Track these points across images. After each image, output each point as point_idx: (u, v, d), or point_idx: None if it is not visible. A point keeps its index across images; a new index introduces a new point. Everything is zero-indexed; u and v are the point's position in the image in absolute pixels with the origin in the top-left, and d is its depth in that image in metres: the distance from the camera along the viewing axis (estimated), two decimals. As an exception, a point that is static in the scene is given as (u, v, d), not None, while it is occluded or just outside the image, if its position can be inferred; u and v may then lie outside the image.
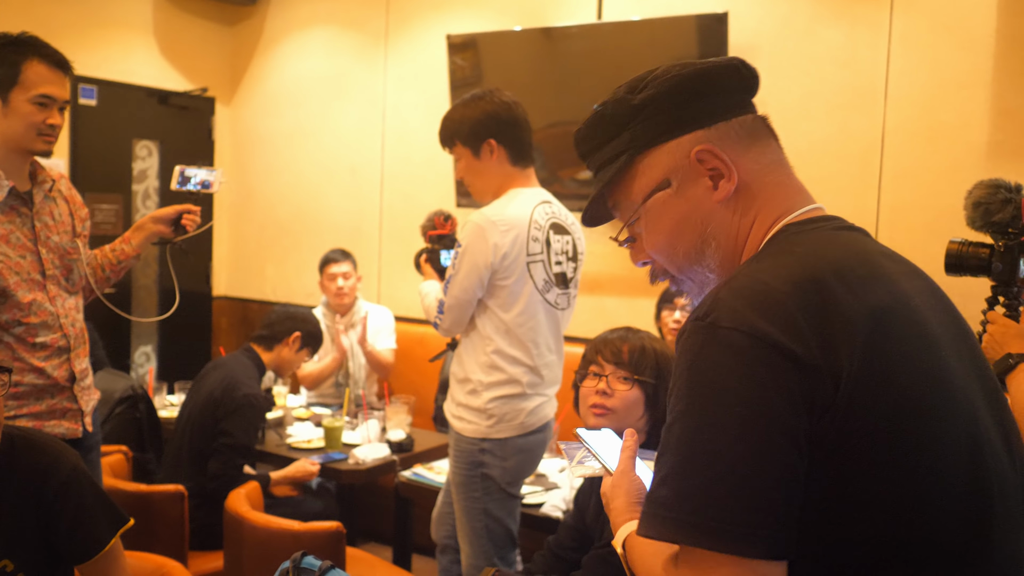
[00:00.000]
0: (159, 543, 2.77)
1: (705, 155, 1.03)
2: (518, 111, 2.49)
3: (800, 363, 0.85)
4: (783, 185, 1.07)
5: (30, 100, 2.24)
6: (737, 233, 1.05)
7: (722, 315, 0.89)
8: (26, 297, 2.26)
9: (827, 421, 0.85)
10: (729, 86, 1.07)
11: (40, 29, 4.63)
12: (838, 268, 0.93)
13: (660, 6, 3.96)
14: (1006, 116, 3.30)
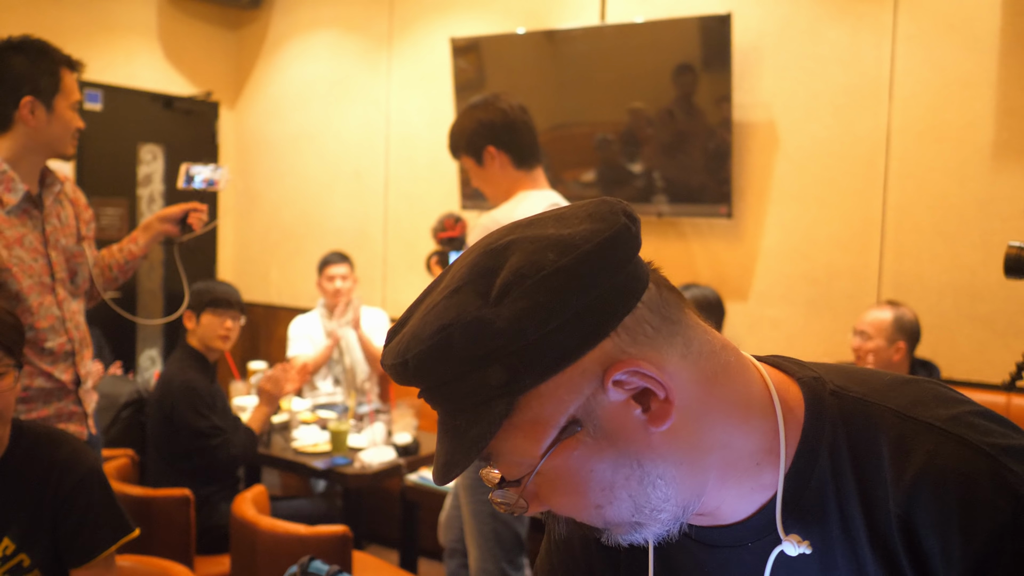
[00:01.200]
0: (165, 547, 2.77)
1: (627, 375, 0.72)
2: (516, 115, 2.50)
3: None
4: (724, 349, 0.79)
5: (71, 106, 2.35)
6: (697, 454, 0.76)
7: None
8: (36, 301, 2.28)
9: None
10: (623, 260, 0.74)
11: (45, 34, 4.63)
12: None
13: (663, 8, 3.96)
14: (1012, 115, 3.29)
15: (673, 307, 0.76)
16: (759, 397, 0.79)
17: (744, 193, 3.83)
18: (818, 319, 3.71)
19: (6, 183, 2.27)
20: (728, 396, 0.77)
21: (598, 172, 4.07)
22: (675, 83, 3.81)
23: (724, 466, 0.77)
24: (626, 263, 0.74)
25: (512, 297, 0.70)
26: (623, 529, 0.77)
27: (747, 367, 0.80)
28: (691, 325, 0.77)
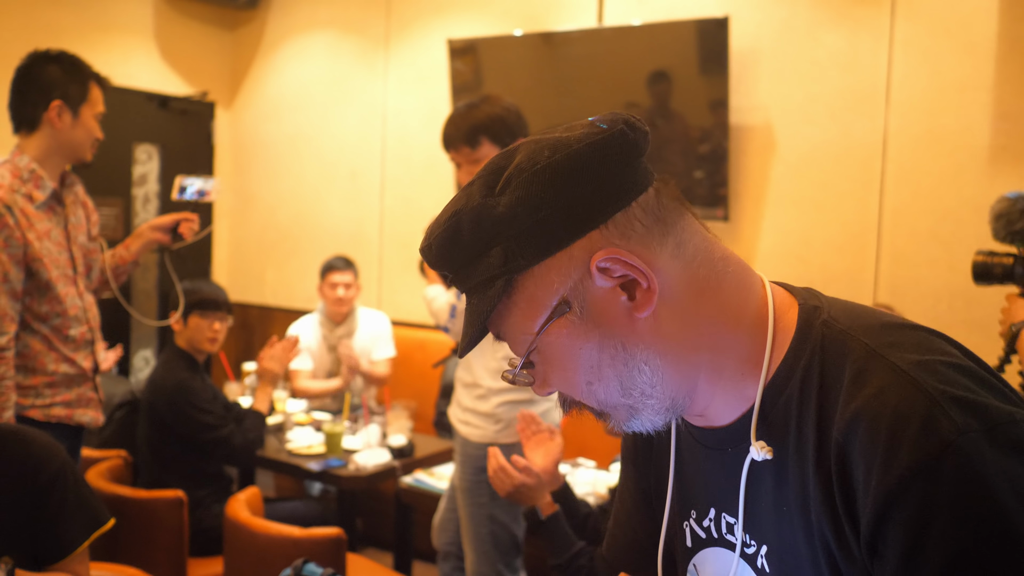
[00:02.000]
0: (158, 549, 2.76)
1: (609, 263, 0.79)
2: (512, 117, 2.49)
3: None
4: (724, 260, 0.85)
5: (95, 116, 2.56)
6: (685, 348, 0.82)
7: (984, 413, 0.70)
8: (63, 291, 2.48)
9: None
10: (618, 162, 0.82)
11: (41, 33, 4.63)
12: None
13: (661, 11, 3.96)
14: (1008, 120, 3.29)
15: (671, 212, 0.83)
16: (755, 311, 0.84)
17: (740, 196, 3.83)
18: (814, 323, 3.71)
19: (35, 181, 2.46)
20: (720, 302, 0.82)
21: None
22: (672, 86, 3.81)
23: (712, 369, 0.83)
24: (621, 165, 0.82)
25: (511, 188, 0.80)
26: (620, 413, 0.84)
27: (750, 282, 0.85)
28: (689, 231, 0.83)
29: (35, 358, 2.42)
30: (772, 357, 0.82)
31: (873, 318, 0.81)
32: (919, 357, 0.74)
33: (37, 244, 2.41)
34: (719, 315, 0.82)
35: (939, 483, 0.67)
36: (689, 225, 0.84)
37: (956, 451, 0.67)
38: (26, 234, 2.38)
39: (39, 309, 2.43)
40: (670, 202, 0.83)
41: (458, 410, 2.51)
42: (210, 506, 3.05)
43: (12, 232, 2.35)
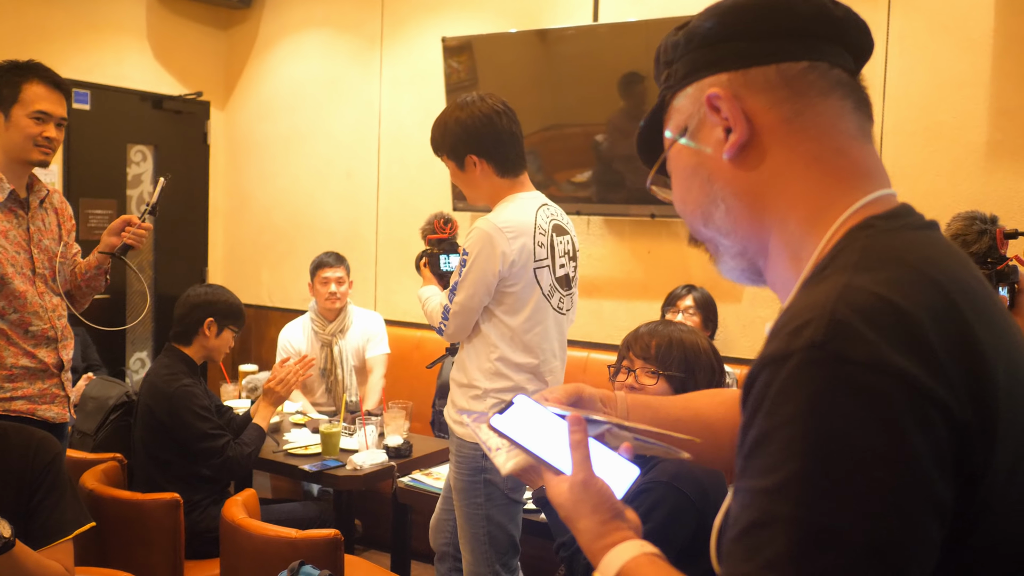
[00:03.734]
0: (154, 551, 2.74)
1: (717, 101, 0.85)
2: (501, 123, 2.41)
3: (953, 419, 0.68)
4: (847, 153, 0.84)
5: (28, 115, 2.56)
6: (769, 206, 0.85)
7: (850, 346, 0.68)
8: (21, 287, 2.53)
9: (975, 491, 0.70)
10: (783, 25, 0.85)
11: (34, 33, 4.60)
12: (965, 290, 0.74)
13: (657, 8, 3.95)
14: (1005, 116, 3.29)
15: (811, 88, 0.84)
16: (830, 211, 0.83)
17: (737, 194, 3.82)
18: (811, 320, 3.70)
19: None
20: (806, 184, 0.84)
21: (591, 172, 4.06)
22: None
23: (778, 242, 0.86)
24: (787, 31, 0.85)
25: (691, 24, 0.91)
26: (709, 247, 0.94)
27: (851, 182, 0.84)
28: (822, 112, 0.84)
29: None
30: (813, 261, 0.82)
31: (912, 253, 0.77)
32: (868, 287, 0.72)
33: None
34: (800, 197, 0.84)
35: (774, 376, 0.70)
36: (828, 108, 0.84)
37: (801, 358, 0.69)
38: None
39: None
40: (822, 81, 0.84)
41: (453, 411, 2.49)
42: (206, 508, 3.03)
43: None
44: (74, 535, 1.94)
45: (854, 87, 0.87)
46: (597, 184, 4.03)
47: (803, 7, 0.85)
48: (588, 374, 3.87)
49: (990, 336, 0.73)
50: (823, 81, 0.84)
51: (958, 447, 0.68)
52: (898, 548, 0.66)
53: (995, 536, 0.72)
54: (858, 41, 0.89)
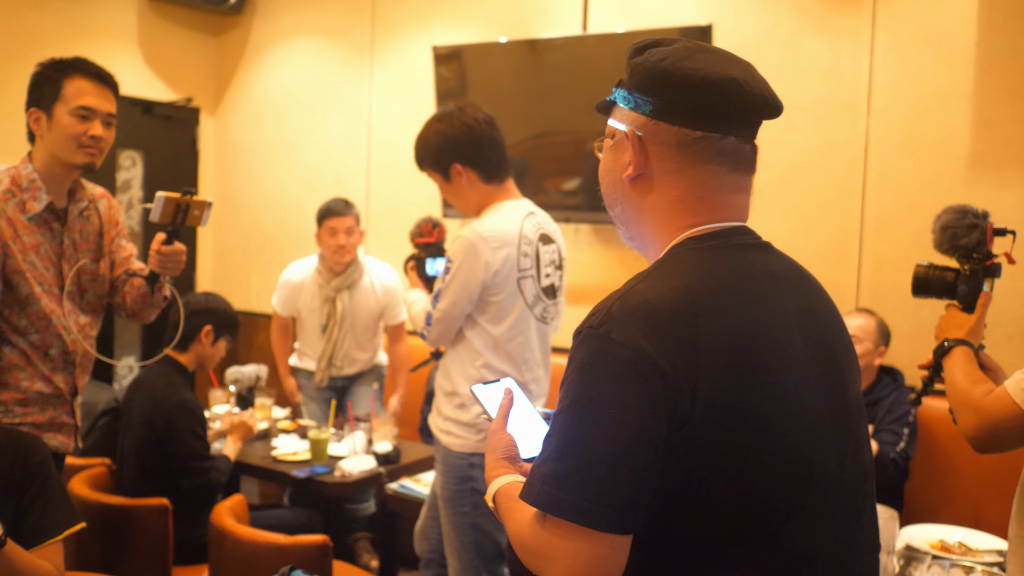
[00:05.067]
0: (142, 557, 2.75)
1: (633, 137, 1.16)
2: (481, 129, 2.43)
3: (668, 381, 1.01)
4: (704, 200, 1.16)
5: (70, 112, 2.31)
6: (644, 219, 1.20)
7: (615, 329, 1.03)
8: (47, 307, 2.34)
9: (683, 431, 1.02)
10: (694, 101, 1.13)
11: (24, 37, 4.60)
12: (714, 294, 1.08)
13: (645, 18, 3.98)
14: (987, 128, 3.33)
15: (698, 156, 1.14)
16: (673, 236, 1.17)
17: (724, 203, 3.85)
18: (797, 328, 3.73)
19: (32, 191, 2.34)
20: (669, 216, 1.17)
21: (580, 180, 4.08)
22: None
23: (649, 250, 1.22)
24: (688, 103, 1.12)
25: (646, 55, 1.16)
26: (610, 213, 1.26)
27: (697, 218, 1.16)
28: (702, 172, 1.15)
29: (9, 372, 2.31)
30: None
31: (686, 265, 1.11)
32: (640, 291, 1.07)
33: (20, 257, 2.30)
34: (663, 221, 1.17)
35: (575, 350, 1.07)
36: (704, 170, 1.15)
37: (586, 334, 1.06)
38: (9, 244, 2.28)
39: (18, 322, 2.32)
40: (707, 150, 1.14)
41: (439, 419, 2.50)
42: (194, 515, 3.03)
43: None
44: (64, 535, 1.94)
45: (736, 153, 1.16)
46: (586, 192, 4.06)
47: (719, 95, 1.12)
48: (576, 381, 3.89)
49: (722, 332, 1.04)
50: (708, 150, 1.14)
51: (670, 400, 1.01)
52: (621, 459, 1.00)
53: (707, 492, 1.03)
54: (761, 113, 1.18)
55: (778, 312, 1.12)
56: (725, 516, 1.04)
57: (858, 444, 1.17)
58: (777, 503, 1.06)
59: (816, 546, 1.09)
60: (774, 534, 1.06)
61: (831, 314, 1.22)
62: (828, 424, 1.11)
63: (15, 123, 4.35)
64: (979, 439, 1.68)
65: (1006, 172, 3.29)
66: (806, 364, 1.11)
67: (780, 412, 1.06)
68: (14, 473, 1.92)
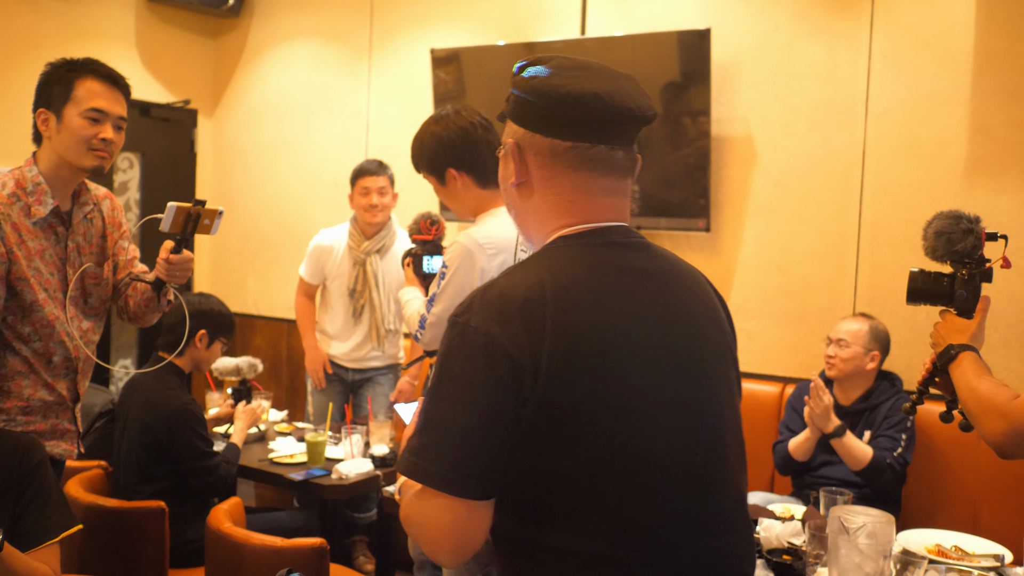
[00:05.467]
0: (139, 560, 2.74)
1: (514, 148, 1.31)
2: (478, 133, 2.41)
3: (514, 363, 1.14)
4: (574, 202, 1.29)
5: (81, 114, 2.27)
6: (528, 222, 1.35)
7: (473, 318, 1.18)
8: (51, 314, 2.30)
9: (528, 407, 1.15)
10: (565, 115, 1.26)
11: (21, 39, 4.59)
12: (568, 286, 1.20)
13: (643, 22, 3.99)
14: (984, 133, 3.34)
15: (568, 165, 1.28)
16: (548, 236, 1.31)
17: (721, 207, 3.86)
18: (794, 332, 3.74)
19: (38, 195, 2.29)
20: (546, 218, 1.31)
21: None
22: (655, 97, 3.84)
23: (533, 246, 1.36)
24: (560, 118, 1.26)
25: (524, 75, 1.31)
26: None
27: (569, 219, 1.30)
28: (567, 180, 1.28)
29: (12, 379, 2.27)
30: None
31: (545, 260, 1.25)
32: (499, 283, 1.22)
33: (24, 263, 2.25)
34: (541, 222, 1.32)
35: (443, 337, 1.22)
36: (574, 177, 1.28)
37: (451, 322, 1.21)
38: (14, 250, 2.23)
39: (21, 329, 2.27)
40: (577, 159, 1.28)
41: None
42: (190, 519, 3.02)
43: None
44: (61, 538, 1.94)
45: (607, 160, 1.28)
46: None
47: (583, 108, 1.24)
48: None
49: (565, 321, 1.16)
50: (579, 158, 1.27)
51: (516, 380, 1.14)
52: (472, 433, 1.15)
53: (553, 463, 1.16)
54: (627, 124, 1.28)
55: (636, 304, 1.24)
56: (570, 486, 1.17)
57: (715, 433, 1.26)
58: (615, 477, 1.18)
59: (658, 522, 1.20)
60: (613, 506, 1.18)
61: (706, 311, 1.32)
62: (678, 410, 1.23)
63: (14, 124, 4.35)
64: (1007, 444, 1.65)
65: (1003, 177, 3.30)
66: (660, 353, 1.23)
67: (620, 394, 1.18)
68: (12, 475, 1.91)
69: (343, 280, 3.92)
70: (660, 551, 1.20)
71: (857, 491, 2.95)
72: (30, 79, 2.44)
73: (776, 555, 2.32)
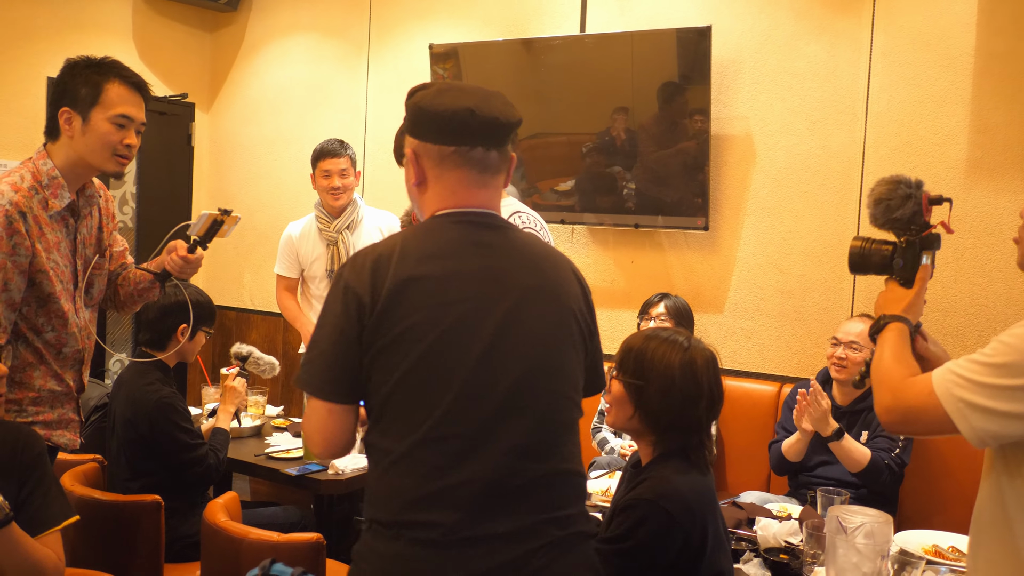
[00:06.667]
0: (134, 553, 2.73)
1: (412, 155, 1.63)
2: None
3: (360, 302, 1.52)
4: (457, 197, 1.60)
5: (109, 119, 2.30)
6: (423, 212, 1.66)
7: (343, 270, 1.57)
8: (66, 306, 2.33)
9: (366, 332, 1.51)
10: (442, 128, 1.58)
11: (18, 32, 4.57)
12: (407, 249, 1.55)
13: (643, 19, 3.98)
14: (984, 133, 3.34)
15: (451, 165, 1.60)
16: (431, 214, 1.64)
17: (720, 205, 3.85)
18: (792, 331, 3.74)
19: (54, 188, 2.31)
20: (432, 206, 1.63)
21: (575, 182, 4.08)
22: (654, 95, 3.83)
23: None
24: (445, 130, 1.59)
25: (415, 97, 1.65)
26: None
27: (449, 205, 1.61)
28: (450, 177, 1.60)
29: (23, 370, 2.28)
30: None
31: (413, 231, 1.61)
32: (366, 249, 1.60)
33: (44, 255, 2.27)
34: (429, 210, 1.64)
35: None
36: (456, 174, 1.60)
37: (336, 274, 1.60)
38: (35, 243, 2.24)
39: (35, 320, 2.29)
40: (459, 160, 1.59)
41: None
42: (186, 514, 3.01)
43: (23, 240, 2.21)
44: (63, 526, 1.96)
45: (483, 160, 1.59)
46: (581, 193, 4.06)
47: (459, 120, 1.56)
48: (570, 382, 3.89)
49: (400, 273, 1.51)
50: (460, 159, 1.59)
51: (361, 314, 1.52)
52: (331, 351, 1.53)
53: (386, 379, 1.51)
54: (495, 130, 1.58)
55: (467, 266, 1.55)
56: (392, 396, 1.50)
57: (520, 368, 1.53)
58: (424, 393, 1.49)
59: (456, 431, 1.48)
60: (420, 417, 1.48)
61: (540, 282, 1.60)
62: (489, 355, 1.51)
63: (11, 117, 4.34)
64: (888, 420, 1.63)
65: (1003, 177, 3.30)
66: (476, 303, 1.53)
67: (436, 328, 1.50)
68: (12, 466, 1.92)
69: (321, 262, 3.95)
70: (457, 458, 1.47)
71: (854, 491, 2.95)
72: (27, 72, 2.43)
73: (773, 554, 2.32)
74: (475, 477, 1.45)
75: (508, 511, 1.46)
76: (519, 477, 1.48)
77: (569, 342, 1.61)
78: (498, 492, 1.47)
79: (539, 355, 1.55)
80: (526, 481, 1.49)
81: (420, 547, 1.44)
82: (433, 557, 1.43)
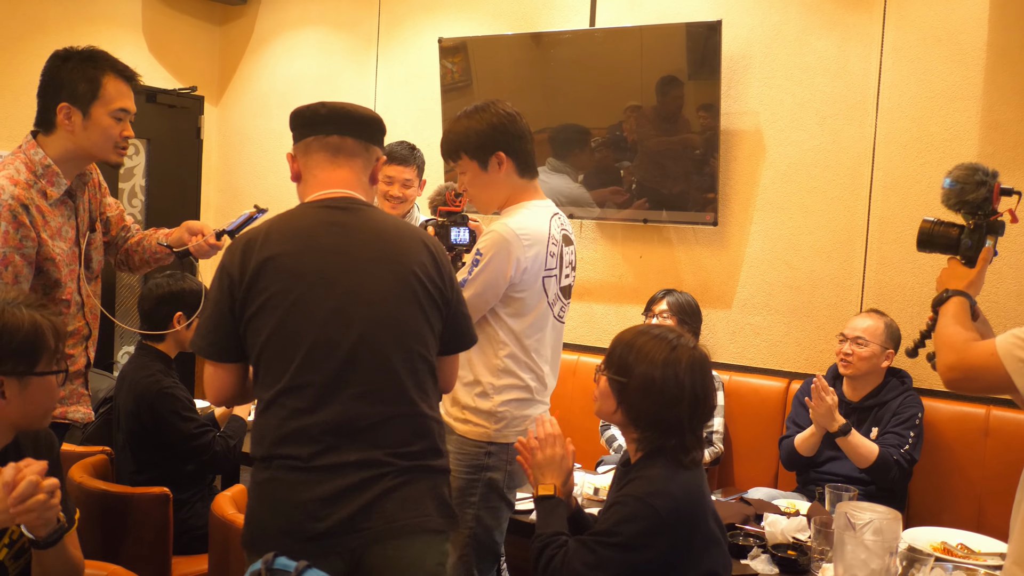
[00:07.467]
0: (142, 545, 2.74)
1: (291, 154, 2.00)
2: (522, 123, 2.45)
3: (232, 278, 1.84)
4: (319, 179, 1.94)
5: (109, 113, 2.36)
6: (302, 195, 1.98)
7: (224, 255, 1.90)
8: (71, 288, 2.40)
9: (237, 303, 1.83)
10: (302, 122, 1.97)
11: (28, 25, 4.58)
12: (272, 232, 1.86)
13: (653, 13, 3.97)
14: (995, 129, 3.32)
15: (312, 153, 1.96)
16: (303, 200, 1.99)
17: (730, 201, 3.84)
18: (800, 327, 3.73)
19: (49, 177, 2.35)
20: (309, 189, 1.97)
21: (584, 176, 4.07)
22: (663, 89, 3.82)
23: None
24: (304, 125, 1.98)
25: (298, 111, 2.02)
26: None
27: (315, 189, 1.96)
28: (312, 161, 1.96)
29: None
30: None
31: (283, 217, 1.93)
32: (246, 232, 1.92)
33: (50, 243, 2.32)
34: (309, 193, 1.97)
35: None
36: (317, 159, 1.96)
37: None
38: (40, 233, 2.29)
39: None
40: (316, 146, 1.96)
41: (455, 408, 2.48)
42: (194, 506, 3.02)
43: (28, 232, 2.25)
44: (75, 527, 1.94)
45: (338, 145, 1.95)
46: (589, 187, 4.05)
47: (307, 115, 1.96)
48: (578, 376, 3.89)
49: (264, 251, 1.83)
50: (317, 145, 1.95)
51: (233, 288, 1.82)
52: (213, 318, 1.87)
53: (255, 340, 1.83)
54: (342, 120, 1.95)
55: (321, 243, 1.85)
56: (262, 354, 1.82)
57: (365, 327, 1.82)
58: (284, 350, 1.79)
59: (311, 381, 1.78)
60: (282, 369, 1.79)
61: (387, 254, 1.87)
62: (336, 316, 1.80)
63: (20, 109, 4.35)
64: (952, 379, 1.78)
65: (1015, 174, 3.28)
66: (326, 273, 1.82)
67: (291, 297, 1.80)
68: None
69: None
70: (312, 402, 1.77)
71: (862, 488, 2.94)
72: (36, 64, 2.45)
73: (781, 550, 2.32)
74: (328, 419, 1.77)
75: (357, 446, 1.77)
76: (366, 418, 1.78)
77: (412, 301, 1.87)
78: (348, 431, 1.77)
79: (380, 314, 1.83)
80: (373, 422, 1.79)
81: (284, 471, 1.77)
82: (294, 479, 1.76)
